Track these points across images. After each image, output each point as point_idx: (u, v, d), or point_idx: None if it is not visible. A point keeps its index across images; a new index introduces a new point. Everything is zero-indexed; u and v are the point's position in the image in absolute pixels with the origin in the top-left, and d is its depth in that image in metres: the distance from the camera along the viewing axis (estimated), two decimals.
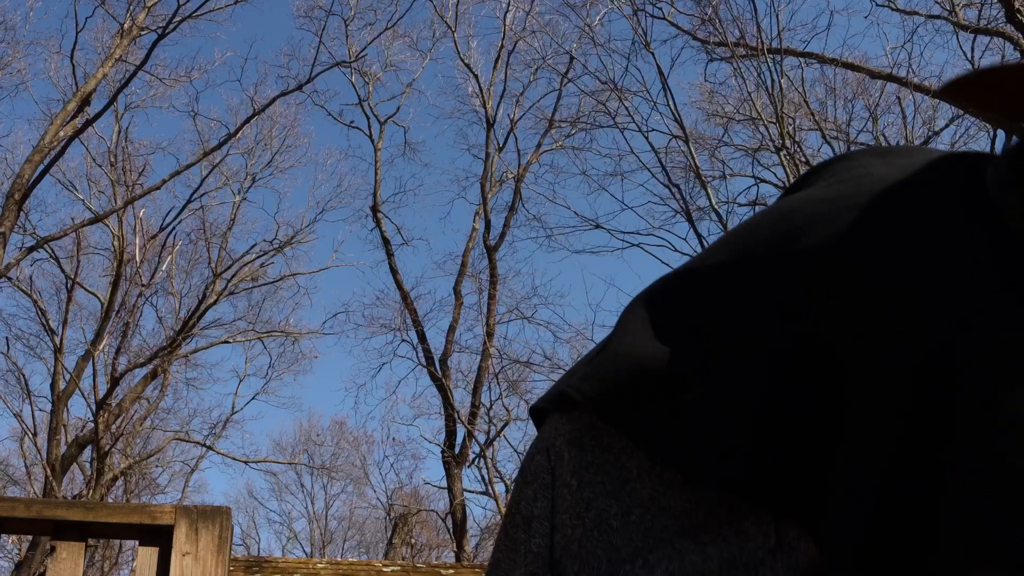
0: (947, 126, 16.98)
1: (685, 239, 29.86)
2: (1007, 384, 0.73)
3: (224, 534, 2.17)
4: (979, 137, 16.94)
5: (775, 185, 17.83)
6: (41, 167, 15.70)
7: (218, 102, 61.53)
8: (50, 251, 19.89)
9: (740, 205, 18.26)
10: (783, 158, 14.87)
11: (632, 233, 19.62)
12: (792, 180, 14.95)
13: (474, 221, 21.20)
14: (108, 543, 25.03)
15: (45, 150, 15.54)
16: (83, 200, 20.89)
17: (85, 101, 16.37)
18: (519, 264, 63.36)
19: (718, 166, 18.65)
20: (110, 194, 20.57)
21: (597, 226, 19.14)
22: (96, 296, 21.85)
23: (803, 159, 16.12)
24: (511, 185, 21.25)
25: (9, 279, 19.54)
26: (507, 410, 24.41)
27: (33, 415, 21.59)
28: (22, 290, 20.80)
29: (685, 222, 18.35)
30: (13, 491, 24.24)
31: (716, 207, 16.26)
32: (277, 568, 12.72)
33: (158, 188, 18.49)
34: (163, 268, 21.32)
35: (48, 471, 18.72)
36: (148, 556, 2.23)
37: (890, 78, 15.64)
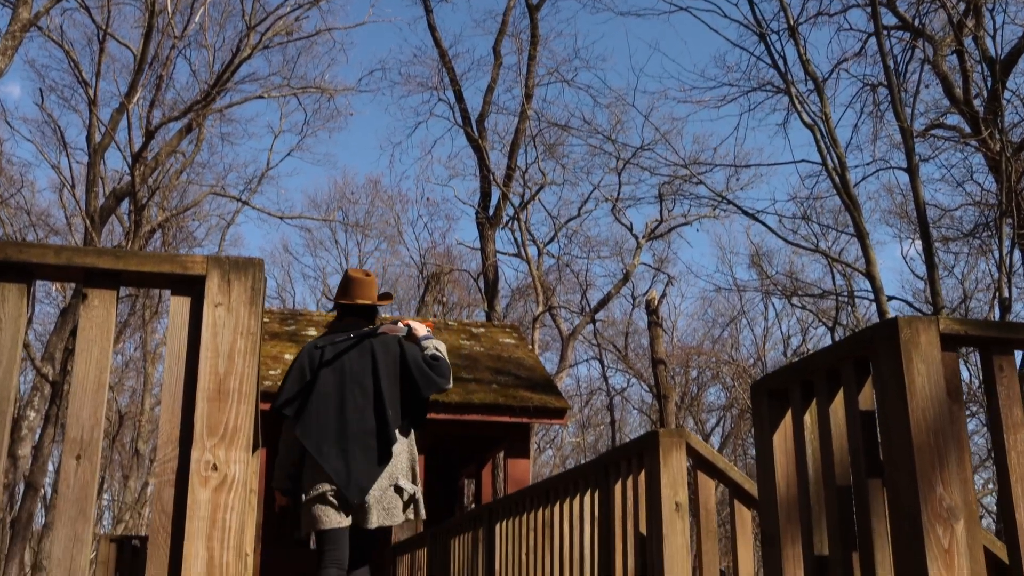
0: None
1: (735, 4, 28.52)
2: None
3: (257, 286, 2.14)
4: None
5: None
6: None
7: None
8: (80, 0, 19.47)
9: None
10: None
11: None
12: None
13: None
14: (148, 293, 25.75)
15: None
16: None
17: None
18: (561, 24, 61.74)
19: None
20: None
21: None
22: (128, 48, 21.56)
23: None
24: None
25: (40, 28, 19.23)
26: (543, 173, 24.32)
27: (71, 167, 21.77)
28: (53, 40, 20.51)
29: None
30: (55, 240, 24.77)
31: None
32: (311, 321, 13.05)
33: None
34: (196, 20, 20.88)
35: (87, 222, 19.02)
36: (180, 305, 2.21)
37: None
